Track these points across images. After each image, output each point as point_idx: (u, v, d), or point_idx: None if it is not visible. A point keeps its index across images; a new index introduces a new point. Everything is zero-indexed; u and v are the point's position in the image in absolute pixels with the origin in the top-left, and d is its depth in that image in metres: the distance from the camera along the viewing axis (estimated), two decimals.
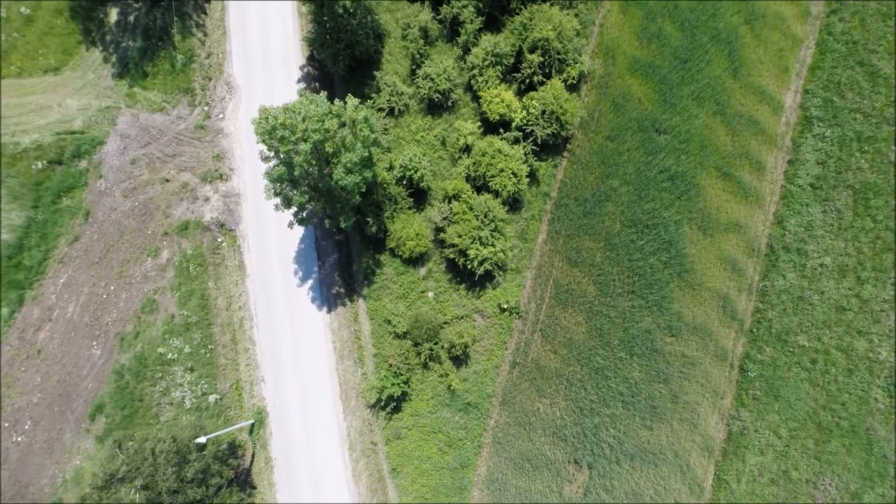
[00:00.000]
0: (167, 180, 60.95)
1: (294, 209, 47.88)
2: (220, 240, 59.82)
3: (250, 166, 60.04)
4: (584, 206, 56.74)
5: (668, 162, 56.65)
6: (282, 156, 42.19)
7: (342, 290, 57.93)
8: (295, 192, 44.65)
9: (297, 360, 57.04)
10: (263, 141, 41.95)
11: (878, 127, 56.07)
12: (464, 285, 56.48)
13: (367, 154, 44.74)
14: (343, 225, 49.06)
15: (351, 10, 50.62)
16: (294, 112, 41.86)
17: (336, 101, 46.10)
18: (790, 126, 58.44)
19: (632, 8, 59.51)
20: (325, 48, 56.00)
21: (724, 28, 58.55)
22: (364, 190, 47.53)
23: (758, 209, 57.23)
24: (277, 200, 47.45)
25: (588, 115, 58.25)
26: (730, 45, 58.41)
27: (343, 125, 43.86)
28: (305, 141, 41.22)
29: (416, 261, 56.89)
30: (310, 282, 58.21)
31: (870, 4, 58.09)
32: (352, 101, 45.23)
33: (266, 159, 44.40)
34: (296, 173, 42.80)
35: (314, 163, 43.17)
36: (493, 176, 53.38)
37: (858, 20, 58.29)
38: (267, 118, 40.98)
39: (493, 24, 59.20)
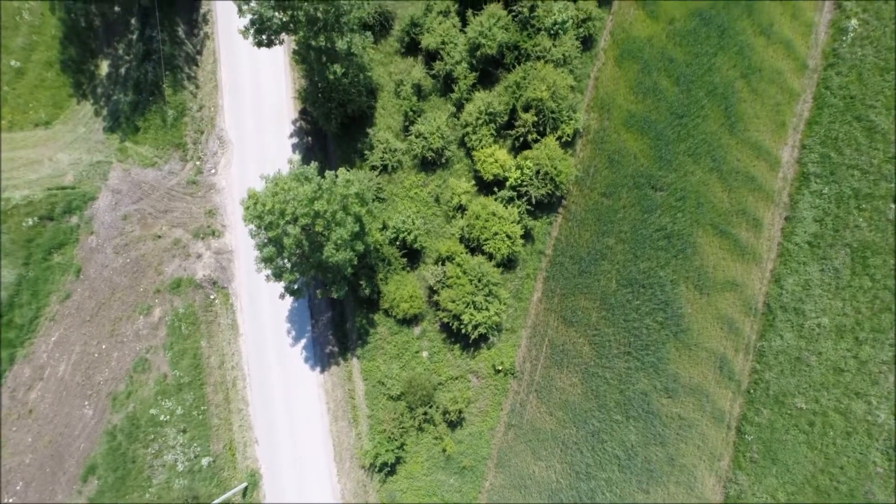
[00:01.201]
0: (159, 237, 60.44)
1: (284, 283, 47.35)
2: (212, 297, 59.32)
3: (242, 223, 59.37)
4: (579, 265, 56.21)
5: (665, 220, 56.10)
6: (271, 237, 41.64)
7: (336, 350, 57.43)
8: (286, 270, 44.13)
9: (291, 420, 56.54)
10: (253, 225, 41.45)
11: (876, 184, 55.53)
12: (458, 345, 55.97)
13: (357, 229, 44.20)
14: (335, 296, 48.57)
15: (342, 73, 50.04)
16: (284, 190, 41.28)
17: (327, 173, 45.53)
18: (787, 182, 57.90)
19: (627, 62, 58.94)
20: (317, 106, 55.47)
21: (720, 82, 57.99)
22: (356, 263, 46.97)
23: (755, 267, 56.70)
24: (269, 271, 46.91)
25: (583, 170, 57.73)
26: (726, 99, 57.85)
27: (332, 200, 43.23)
28: (294, 223, 40.70)
29: (410, 321, 56.36)
30: (303, 341, 57.70)
31: (867, 59, 57.51)
32: (343, 175, 44.68)
33: (256, 236, 43.84)
34: (285, 254, 42.28)
35: (304, 242, 42.63)
36: (486, 239, 52.86)
37: (856, 74, 57.73)
38: (255, 203, 40.45)
39: (486, 78, 58.64)
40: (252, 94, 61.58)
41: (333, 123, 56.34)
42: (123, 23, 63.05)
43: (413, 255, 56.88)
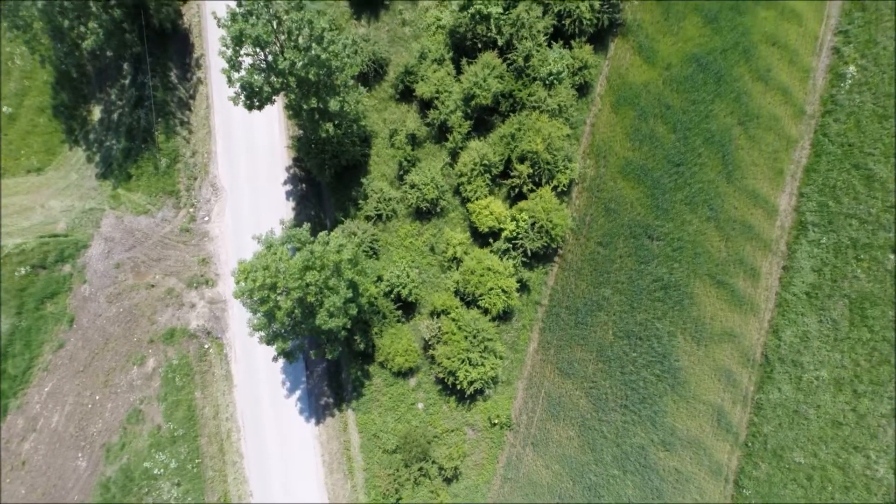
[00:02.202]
0: (152, 285, 60.00)
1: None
2: (206, 346, 58.90)
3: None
4: (575, 316, 55.79)
5: (661, 271, 55.66)
6: (263, 311, 41.21)
7: (331, 401, 57.03)
8: (279, 336, 43.73)
9: (286, 473, 56.14)
10: (243, 301, 41.09)
11: (875, 234, 55.07)
12: (454, 397, 55.57)
13: (351, 294, 43.76)
14: (330, 356, 48.24)
15: (336, 126, 49.57)
16: (275, 261, 40.82)
17: (320, 236, 45.09)
18: (785, 230, 57.44)
19: (623, 108, 58.46)
20: (310, 157, 55.01)
21: (717, 130, 57.50)
22: (349, 327, 46.55)
23: (752, 317, 56.27)
24: (261, 334, 46.49)
25: (579, 218, 57.31)
26: (723, 147, 57.36)
27: (325, 267, 42.78)
28: (286, 295, 40.30)
29: (405, 372, 55.95)
30: (298, 392, 57.30)
31: (866, 105, 57.01)
32: (335, 239, 44.19)
33: (247, 305, 43.40)
34: (276, 324, 41.83)
35: (297, 311, 42.21)
36: (482, 294, 52.42)
37: (854, 121, 57.22)
38: (246, 278, 40.04)
39: (482, 124, 58.21)
40: (246, 141, 61.08)
41: (327, 174, 55.88)
42: (116, 67, 62.52)
43: (408, 306, 56.43)
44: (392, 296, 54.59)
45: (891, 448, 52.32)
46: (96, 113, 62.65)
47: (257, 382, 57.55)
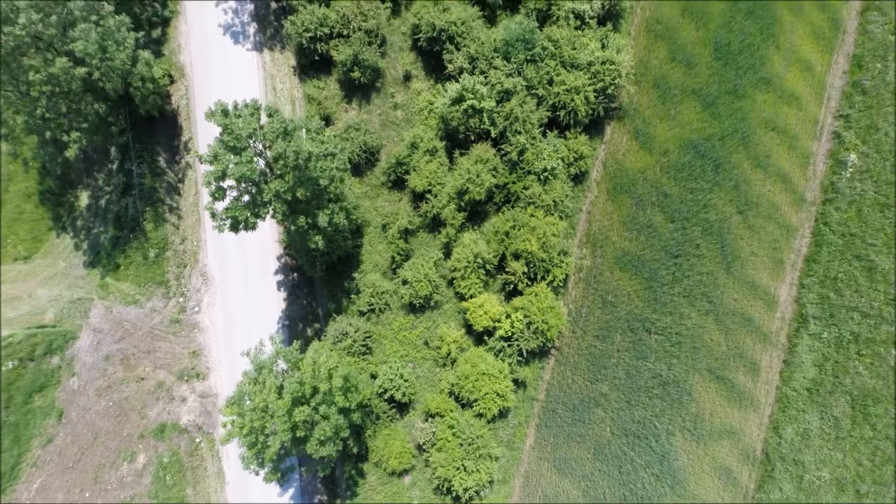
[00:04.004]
0: (142, 378, 58.99)
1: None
2: (198, 440, 57.95)
3: (227, 365, 58.08)
4: (572, 413, 54.85)
5: (660, 366, 54.69)
6: (254, 453, 40.28)
7: (325, 499, 56.12)
8: (271, 463, 42.80)
9: None
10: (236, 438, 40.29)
11: (877, 328, 54.08)
12: (450, 496, 54.56)
13: (342, 421, 42.75)
14: (321, 474, 47.29)
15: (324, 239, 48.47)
16: (265, 395, 39.81)
17: (309, 353, 44.01)
18: (785, 322, 56.42)
19: (620, 195, 57.39)
20: (301, 254, 53.95)
21: (716, 220, 56.41)
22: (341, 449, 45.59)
23: (752, 413, 55.31)
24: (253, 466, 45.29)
25: (575, 311, 56.30)
26: (722, 237, 56.30)
27: (315, 396, 41.77)
28: (276, 436, 39.34)
29: (400, 472, 54.96)
30: (292, 490, 56.37)
31: (867, 194, 55.93)
32: (326, 363, 43.07)
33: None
34: (266, 456, 40.82)
35: (288, 444, 41.23)
36: (477, 399, 51.43)
37: (855, 210, 56.15)
38: (234, 422, 39.05)
39: (475, 215, 57.14)
40: None
41: (318, 269, 54.86)
42: (103, 152, 61.27)
43: (403, 405, 55.41)
44: (386, 396, 53.59)
45: None
46: (84, 199, 61.45)
47: (250, 481, 56.48)
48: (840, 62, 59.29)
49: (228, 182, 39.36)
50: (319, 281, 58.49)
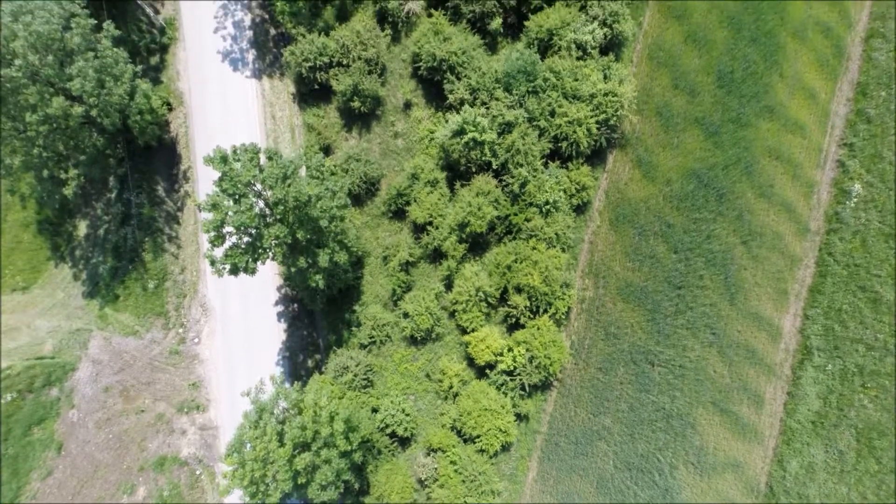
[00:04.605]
0: (142, 410, 58.61)
1: None
2: (198, 472, 57.61)
3: (228, 396, 57.70)
4: (575, 446, 54.48)
5: (663, 399, 54.29)
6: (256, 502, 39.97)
7: None
8: None
9: None
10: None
11: (881, 360, 53.67)
12: None
13: (343, 464, 42.38)
14: None
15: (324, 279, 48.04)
16: (265, 443, 39.44)
17: (312, 399, 43.58)
18: (789, 353, 56.02)
19: (623, 225, 56.92)
20: (301, 288, 53.52)
21: (719, 250, 55.95)
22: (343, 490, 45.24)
23: (757, 446, 54.93)
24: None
25: (578, 342, 55.90)
26: (725, 268, 55.85)
27: (316, 439, 41.39)
28: (276, 486, 38.99)
29: None
30: None
31: (872, 224, 55.49)
32: (327, 406, 42.64)
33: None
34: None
35: (290, 489, 40.87)
36: (478, 436, 51.05)
37: (860, 240, 55.70)
38: (234, 474, 38.68)
39: (476, 246, 56.73)
40: None
41: (318, 303, 54.45)
42: (101, 181, 60.80)
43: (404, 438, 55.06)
44: (387, 431, 53.21)
45: None
46: (82, 228, 61.03)
47: None
48: (844, 90, 58.82)
49: (228, 228, 38.92)
50: (320, 313, 58.07)
